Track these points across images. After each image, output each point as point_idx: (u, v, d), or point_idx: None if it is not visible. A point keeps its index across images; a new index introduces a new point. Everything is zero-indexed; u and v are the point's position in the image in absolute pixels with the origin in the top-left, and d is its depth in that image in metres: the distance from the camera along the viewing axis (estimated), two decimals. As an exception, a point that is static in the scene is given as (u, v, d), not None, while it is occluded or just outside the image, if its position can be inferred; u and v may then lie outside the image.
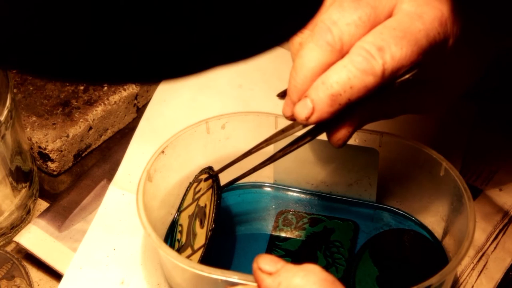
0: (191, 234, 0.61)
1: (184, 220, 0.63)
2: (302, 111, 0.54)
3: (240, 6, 0.30)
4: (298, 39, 0.55)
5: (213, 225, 0.59)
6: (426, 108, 0.60)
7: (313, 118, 0.53)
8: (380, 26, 0.53)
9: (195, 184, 0.65)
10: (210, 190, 0.62)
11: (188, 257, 0.59)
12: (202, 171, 0.64)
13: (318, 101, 0.53)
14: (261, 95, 0.78)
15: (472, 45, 0.57)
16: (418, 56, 0.52)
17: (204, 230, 0.59)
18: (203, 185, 0.63)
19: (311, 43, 0.53)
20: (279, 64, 0.81)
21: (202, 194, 0.62)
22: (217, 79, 0.80)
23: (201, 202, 0.62)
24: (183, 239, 0.61)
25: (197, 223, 0.61)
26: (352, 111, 0.54)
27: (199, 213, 0.61)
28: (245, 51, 0.32)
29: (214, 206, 0.60)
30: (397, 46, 0.52)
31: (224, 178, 0.63)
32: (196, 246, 0.59)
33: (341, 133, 0.55)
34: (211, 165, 0.64)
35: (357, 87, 0.52)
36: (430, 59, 0.54)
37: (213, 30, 0.31)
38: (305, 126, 0.56)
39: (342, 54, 0.53)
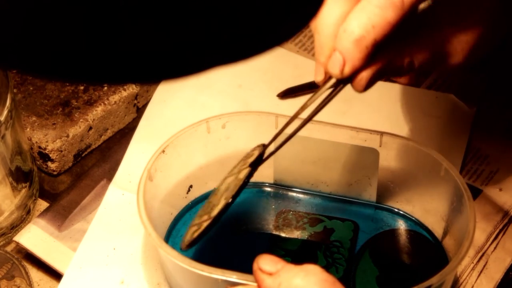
0: (215, 202, 0.59)
1: (222, 185, 0.61)
2: (334, 66, 0.52)
3: (240, 6, 0.30)
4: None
5: (231, 200, 0.57)
6: (453, 59, 0.57)
7: (347, 69, 0.52)
8: None
9: (244, 158, 0.62)
10: (249, 168, 0.59)
11: (203, 222, 0.57)
12: (256, 148, 0.61)
13: (345, 51, 0.51)
14: (261, 95, 0.78)
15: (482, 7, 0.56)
16: None
17: (223, 202, 0.58)
18: (248, 161, 0.61)
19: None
20: (279, 64, 0.81)
21: (242, 169, 0.60)
22: (217, 79, 0.80)
23: (241, 175, 0.60)
24: (208, 204, 0.60)
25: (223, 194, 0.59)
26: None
27: (231, 185, 0.60)
28: (245, 51, 0.32)
29: (242, 183, 0.58)
30: None
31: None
32: (212, 215, 0.58)
33: (364, 73, 0.53)
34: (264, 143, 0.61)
35: (380, 24, 0.51)
36: None
37: (213, 30, 0.31)
38: (340, 82, 0.53)
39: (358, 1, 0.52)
